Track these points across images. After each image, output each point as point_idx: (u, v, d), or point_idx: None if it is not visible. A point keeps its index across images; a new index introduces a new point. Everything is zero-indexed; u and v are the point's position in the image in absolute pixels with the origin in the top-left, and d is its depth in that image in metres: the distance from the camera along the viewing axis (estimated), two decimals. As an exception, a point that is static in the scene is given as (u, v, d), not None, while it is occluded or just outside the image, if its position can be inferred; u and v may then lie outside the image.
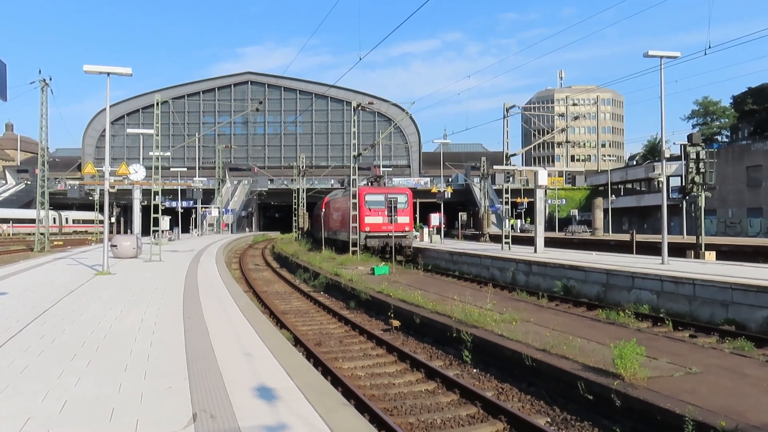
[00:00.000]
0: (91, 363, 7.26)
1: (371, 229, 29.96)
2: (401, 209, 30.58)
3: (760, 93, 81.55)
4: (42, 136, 39.42)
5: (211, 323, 10.08)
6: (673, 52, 19.11)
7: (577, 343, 8.95)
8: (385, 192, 31.16)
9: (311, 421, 5.22)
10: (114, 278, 17.61)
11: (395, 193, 31.80)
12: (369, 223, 30.01)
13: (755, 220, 54.26)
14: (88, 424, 5.13)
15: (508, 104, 30.03)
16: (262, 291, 21.59)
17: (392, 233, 29.42)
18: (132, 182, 30.44)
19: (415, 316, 12.93)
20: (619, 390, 6.95)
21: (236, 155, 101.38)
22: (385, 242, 29.47)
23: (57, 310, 11.35)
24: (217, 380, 6.50)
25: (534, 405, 8.12)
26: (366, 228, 29.89)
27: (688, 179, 23.17)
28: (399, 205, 30.57)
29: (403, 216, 30.75)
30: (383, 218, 30.06)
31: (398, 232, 29.89)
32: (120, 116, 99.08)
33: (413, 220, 32.04)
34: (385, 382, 9.57)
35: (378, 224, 29.98)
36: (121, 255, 25.70)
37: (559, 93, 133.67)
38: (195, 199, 62.99)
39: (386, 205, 30.13)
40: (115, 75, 19.00)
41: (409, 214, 31.38)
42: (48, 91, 38.05)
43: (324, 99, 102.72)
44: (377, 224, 29.92)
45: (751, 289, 13.13)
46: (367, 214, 30.06)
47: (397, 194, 31.41)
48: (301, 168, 54.72)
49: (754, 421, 5.77)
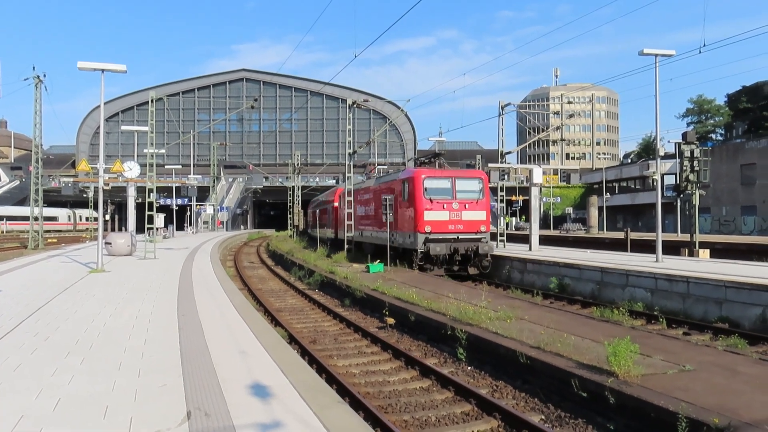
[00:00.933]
0: (85, 361, 7.24)
1: (433, 229, 20.83)
2: (474, 200, 21.58)
3: (754, 91, 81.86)
4: (36, 133, 39.21)
5: (205, 321, 10.06)
6: (667, 50, 19.16)
7: (572, 341, 8.97)
8: (453, 175, 21.94)
9: (306, 419, 5.22)
10: (108, 276, 17.56)
11: (467, 176, 22.53)
12: (430, 220, 20.83)
13: (749, 218, 54.52)
14: (81, 422, 5.12)
15: (503, 102, 30.11)
16: (257, 288, 21.57)
17: (464, 235, 21.27)
18: (126, 179, 30.43)
19: (410, 313, 12.94)
20: (613, 387, 6.97)
21: (231, 152, 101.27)
22: (453, 248, 20.81)
23: (51, 308, 11.30)
24: (211, 378, 6.50)
25: (528, 402, 8.14)
26: (426, 228, 20.77)
27: (683, 177, 23.22)
28: (471, 195, 21.69)
29: (477, 210, 21.63)
30: (450, 213, 21.08)
31: (470, 233, 21.27)
32: (114, 113, 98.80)
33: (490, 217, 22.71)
34: (380, 379, 9.57)
35: (442, 222, 21.00)
36: (116, 252, 25.64)
37: (554, 91, 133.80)
38: (190, 196, 62.87)
39: (453, 194, 21.28)
40: (109, 72, 18.94)
41: (486, 206, 21.99)
42: (42, 87, 37.82)
43: (319, 96, 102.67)
44: (441, 222, 20.93)
45: (745, 286, 13.20)
46: (428, 206, 20.93)
47: (469, 178, 22.36)
48: (296, 165, 54.64)
49: (746, 418, 5.80)
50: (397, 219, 22.55)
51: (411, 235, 21.49)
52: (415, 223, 21.05)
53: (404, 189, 22.32)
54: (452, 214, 21.13)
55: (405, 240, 22.20)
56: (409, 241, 21.60)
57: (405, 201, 22.09)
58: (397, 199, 22.73)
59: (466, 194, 21.54)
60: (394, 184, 23.59)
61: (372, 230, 26.77)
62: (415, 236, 21.05)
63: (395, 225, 22.62)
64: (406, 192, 22.07)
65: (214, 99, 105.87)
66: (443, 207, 21.06)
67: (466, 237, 21.18)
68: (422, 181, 21.28)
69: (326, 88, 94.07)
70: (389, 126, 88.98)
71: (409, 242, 21.60)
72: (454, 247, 20.81)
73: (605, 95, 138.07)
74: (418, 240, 20.89)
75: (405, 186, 22.28)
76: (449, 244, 20.80)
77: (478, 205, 21.60)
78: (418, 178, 21.37)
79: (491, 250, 21.53)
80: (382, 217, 23.00)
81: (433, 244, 20.63)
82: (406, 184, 22.23)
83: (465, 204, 21.28)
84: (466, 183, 21.90)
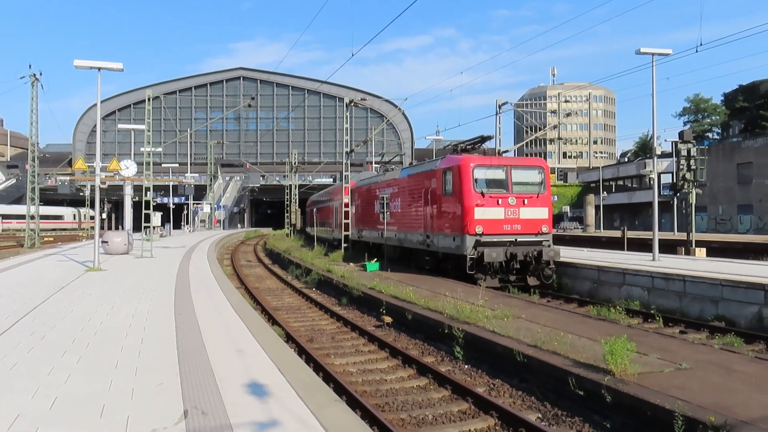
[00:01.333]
0: (81, 360, 7.23)
1: (485, 230, 17.19)
2: (533, 194, 17.90)
3: (750, 90, 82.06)
4: (32, 132, 39.15)
5: (202, 319, 10.05)
6: (664, 49, 19.18)
7: (568, 340, 8.99)
8: (508, 163, 18.23)
9: (303, 418, 5.22)
10: (105, 274, 17.53)
11: (525, 165, 18.93)
12: (482, 219, 17.22)
13: (745, 217, 54.68)
14: (78, 421, 5.11)
15: (500, 101, 30.12)
16: (254, 287, 21.56)
17: (522, 237, 17.60)
18: (123, 178, 30.34)
19: (407, 312, 12.94)
20: (609, 386, 6.98)
21: (228, 151, 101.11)
22: (510, 254, 17.01)
23: (47, 307, 11.28)
24: (208, 377, 6.49)
25: (525, 401, 8.15)
26: (476, 228, 17.10)
27: (679, 176, 23.28)
28: (530, 188, 18.07)
29: (538, 207, 17.97)
30: (506, 210, 17.49)
31: (530, 234, 17.68)
32: (111, 112, 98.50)
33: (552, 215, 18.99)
34: (377, 378, 9.58)
35: (496, 221, 17.39)
36: (112, 251, 25.61)
37: (551, 90, 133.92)
38: (187, 195, 62.88)
39: (509, 187, 17.64)
40: (106, 70, 18.91)
41: (547, 202, 18.41)
42: (38, 86, 37.81)
43: (316, 95, 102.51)
44: (495, 221, 17.32)
45: (741, 285, 13.23)
46: (479, 202, 17.27)
47: (528, 167, 18.73)
48: (293, 164, 54.60)
49: (742, 416, 5.82)
50: (434, 218, 18.97)
51: (457, 237, 17.67)
52: (463, 223, 17.35)
53: (446, 181, 18.46)
54: (508, 211, 17.52)
55: (446, 243, 18.24)
56: (454, 244, 17.77)
57: (448, 195, 18.31)
58: (435, 193, 19.06)
59: (525, 187, 17.96)
60: (431, 175, 19.54)
61: (395, 231, 23.14)
62: (463, 239, 17.27)
63: (432, 225, 19.13)
64: (450, 184, 18.19)
65: (212, 97, 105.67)
66: (497, 203, 17.38)
67: (526, 239, 17.57)
68: (471, 170, 17.45)
69: (323, 87, 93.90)
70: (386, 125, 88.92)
71: (454, 246, 17.77)
72: (511, 252, 17.04)
73: (602, 94, 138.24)
74: (467, 243, 17.09)
75: (447, 177, 18.40)
76: (505, 248, 17.06)
77: (539, 201, 17.97)
78: (467, 167, 17.51)
79: (557, 255, 17.81)
80: (412, 215, 20.18)
81: (487, 249, 16.79)
82: (448, 174, 18.30)
83: (523, 199, 17.66)
84: (525, 173, 18.25)
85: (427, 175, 20.01)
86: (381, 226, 24.02)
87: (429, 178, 19.74)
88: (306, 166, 79.65)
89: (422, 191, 19.35)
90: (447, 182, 18.47)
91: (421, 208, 19.18)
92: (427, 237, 19.50)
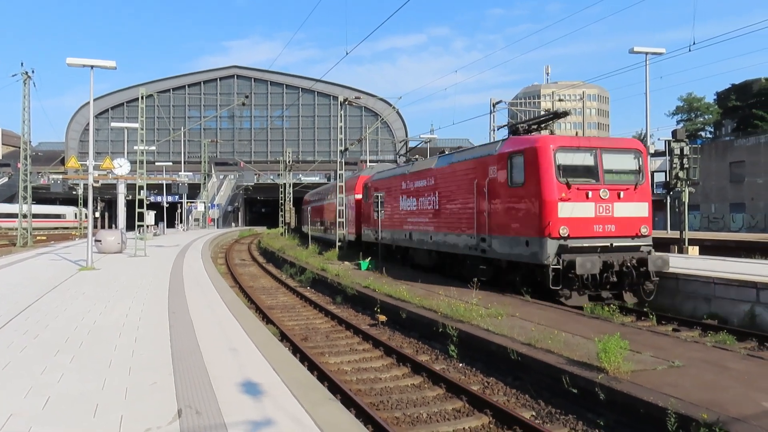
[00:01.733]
0: (74, 359, 7.21)
1: (572, 231, 13.31)
2: (630, 185, 13.99)
3: (743, 89, 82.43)
4: (24, 130, 38.94)
5: (196, 318, 10.04)
6: (657, 48, 19.35)
7: (562, 338, 9.02)
8: (598, 145, 14.14)
9: (297, 416, 5.22)
10: (98, 273, 17.47)
11: (618, 148, 14.59)
12: (567, 217, 13.37)
13: (738, 216, 54.91)
14: (71, 420, 5.10)
15: (494, 99, 30.19)
16: (248, 286, 21.52)
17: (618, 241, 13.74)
18: (116, 177, 30.22)
19: (402, 311, 12.95)
20: (603, 384, 7.01)
21: (222, 150, 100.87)
22: (605, 263, 13.17)
23: (40, 306, 11.24)
24: (202, 376, 6.48)
25: (519, 399, 8.17)
26: (560, 229, 13.22)
27: (672, 175, 23.35)
28: (625, 177, 14.16)
29: (636, 201, 14.07)
30: (597, 206, 13.58)
31: (626, 237, 13.87)
32: (104, 110, 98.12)
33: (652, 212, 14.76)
34: (372, 376, 9.58)
35: (586, 220, 13.50)
36: (106, 250, 25.52)
37: (545, 89, 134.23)
38: (180, 193, 62.66)
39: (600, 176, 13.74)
40: (98, 68, 18.86)
41: (647, 195, 14.37)
42: (30, 83, 37.60)
43: (311, 93, 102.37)
44: (584, 221, 13.50)
45: (733, 283, 13.30)
46: (564, 195, 13.36)
47: (622, 150, 14.51)
48: (287, 162, 54.53)
49: (734, 413, 5.85)
50: (493, 216, 15.04)
51: (532, 241, 13.55)
52: (541, 223, 13.24)
53: (513, 168, 14.42)
54: (600, 207, 13.51)
55: (513, 249, 14.31)
56: (527, 251, 13.71)
57: (516, 187, 14.27)
58: (494, 184, 15.08)
59: (619, 176, 14.00)
60: (488, 162, 15.52)
61: (430, 232, 19.02)
62: (541, 243, 13.19)
63: (489, 225, 15.15)
64: (520, 173, 14.14)
65: (205, 96, 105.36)
66: (586, 196, 13.32)
67: (622, 244, 13.70)
68: (553, 154, 13.38)
69: (317, 86, 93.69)
70: (381, 123, 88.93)
71: (527, 253, 13.72)
72: (605, 260, 13.09)
73: (596, 93, 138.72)
74: (547, 249, 13.04)
75: (515, 163, 14.34)
76: (597, 255, 13.06)
77: (636, 194, 13.88)
78: (546, 151, 13.42)
79: (665, 265, 13.66)
80: (457, 213, 16.84)
81: (580, 257, 12.73)
82: (518, 160, 14.22)
83: (618, 192, 13.65)
84: (619, 158, 14.17)
85: (481, 163, 15.98)
86: (410, 226, 20.69)
87: (484, 166, 15.74)
88: (300, 165, 79.54)
89: (473, 182, 15.92)
90: (515, 170, 14.45)
91: (472, 203, 15.89)
92: (482, 240, 15.56)
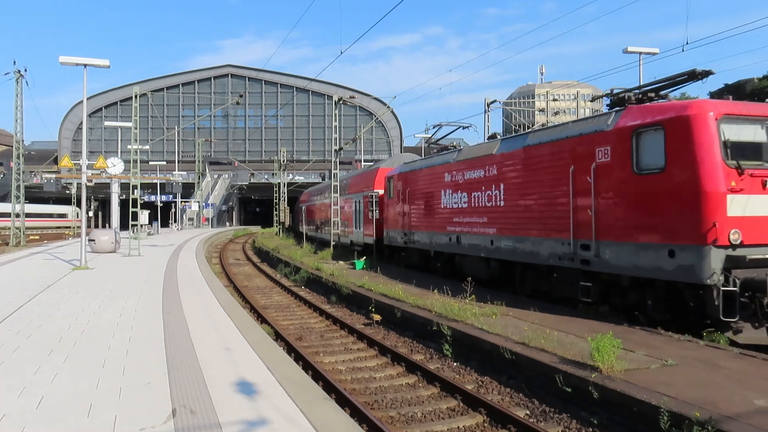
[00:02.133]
0: (68, 359, 7.18)
1: (745, 237, 9.10)
2: None
3: (736, 90, 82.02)
4: (17, 129, 38.74)
5: (190, 318, 10.02)
6: (651, 48, 19.39)
7: (555, 337, 9.04)
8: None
9: (292, 416, 5.22)
10: (92, 273, 17.41)
11: None
12: (739, 216, 9.11)
13: None
14: (65, 420, 5.08)
15: (489, 99, 30.23)
16: (243, 285, 21.48)
17: None
18: (110, 176, 30.13)
19: (396, 310, 12.96)
20: (596, 382, 7.04)
21: (216, 149, 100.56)
22: None
23: (33, 305, 11.19)
24: (197, 375, 6.47)
25: (513, 398, 8.20)
26: (730, 234, 9.02)
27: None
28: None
29: None
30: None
31: None
32: (97, 109, 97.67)
33: None
34: (366, 376, 9.59)
35: (763, 221, 9.30)
36: (99, 250, 25.43)
37: (539, 88, 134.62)
38: (174, 193, 62.47)
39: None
40: (92, 67, 18.77)
41: None
42: (23, 82, 37.44)
43: (305, 93, 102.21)
44: (762, 221, 9.22)
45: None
46: (734, 185, 9.17)
47: None
48: (282, 162, 54.44)
49: (727, 411, 5.89)
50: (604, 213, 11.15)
51: (680, 250, 9.61)
52: (700, 223, 9.30)
53: (644, 147, 10.44)
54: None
55: (642, 260, 10.30)
56: (672, 264, 9.72)
57: (651, 173, 10.20)
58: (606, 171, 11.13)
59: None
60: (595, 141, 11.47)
61: (489, 235, 14.98)
62: (700, 253, 9.28)
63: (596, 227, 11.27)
64: (657, 153, 10.12)
65: (199, 95, 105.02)
66: (763, 186, 9.43)
67: None
68: (716, 126, 9.52)
69: (312, 85, 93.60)
70: (375, 122, 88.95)
71: (671, 267, 9.75)
72: None
73: (590, 92, 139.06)
74: (711, 262, 9.15)
75: (648, 141, 10.36)
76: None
77: None
78: (704, 120, 9.53)
79: None
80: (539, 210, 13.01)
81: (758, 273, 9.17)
82: (652, 136, 10.23)
83: None
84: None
85: (582, 144, 11.87)
86: (457, 228, 16.71)
87: (588, 148, 11.65)
88: (295, 164, 79.44)
89: (567, 170, 12.05)
90: (647, 150, 10.41)
91: (564, 198, 12.15)
92: (583, 248, 11.66)
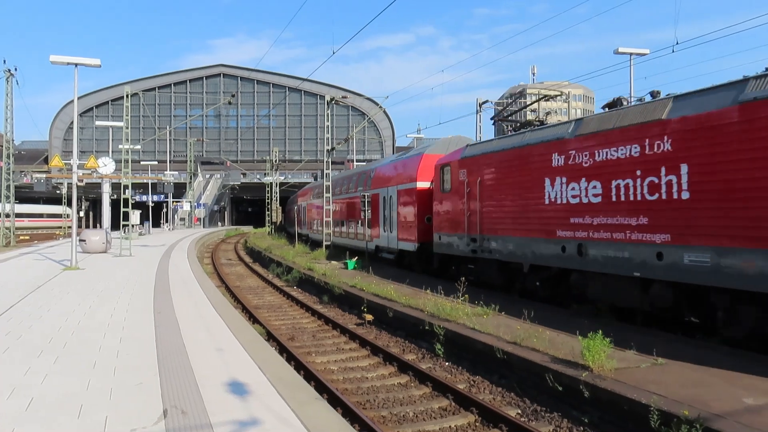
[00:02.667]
0: (58, 360, 7.15)
1: None
2: None
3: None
4: (7, 128, 38.46)
5: (182, 318, 9.99)
6: (642, 49, 19.50)
7: (547, 336, 9.08)
8: None
9: (283, 416, 5.22)
10: (83, 273, 17.31)
11: None
12: None
13: None
14: (55, 422, 5.06)
15: (481, 99, 30.26)
16: (235, 286, 21.42)
17: None
18: (101, 176, 29.96)
19: (388, 310, 12.97)
20: (587, 381, 7.08)
21: (208, 149, 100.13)
22: None
23: (23, 306, 11.12)
24: (188, 376, 6.46)
25: (505, 397, 8.23)
26: None
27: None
28: None
29: None
30: None
31: None
32: (89, 108, 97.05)
33: None
34: (358, 376, 9.60)
35: None
36: (90, 250, 25.29)
37: (531, 88, 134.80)
38: (166, 193, 62.13)
39: None
40: (83, 66, 18.67)
41: None
42: (13, 81, 37.11)
43: (297, 92, 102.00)
44: None
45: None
46: None
47: None
48: (274, 162, 54.32)
49: (716, 409, 5.94)
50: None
51: None
52: None
53: None
54: None
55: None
56: None
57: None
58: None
59: None
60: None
61: (650, 244, 9.49)
62: None
63: None
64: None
65: (191, 94, 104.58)
66: None
67: None
68: None
69: (304, 85, 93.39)
70: (368, 122, 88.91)
71: None
72: None
73: (581, 93, 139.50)
74: None
75: None
76: None
77: None
78: None
79: None
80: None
81: None
82: None
83: None
84: None
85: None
86: (576, 233, 11.17)
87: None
88: (287, 164, 79.31)
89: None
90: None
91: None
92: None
